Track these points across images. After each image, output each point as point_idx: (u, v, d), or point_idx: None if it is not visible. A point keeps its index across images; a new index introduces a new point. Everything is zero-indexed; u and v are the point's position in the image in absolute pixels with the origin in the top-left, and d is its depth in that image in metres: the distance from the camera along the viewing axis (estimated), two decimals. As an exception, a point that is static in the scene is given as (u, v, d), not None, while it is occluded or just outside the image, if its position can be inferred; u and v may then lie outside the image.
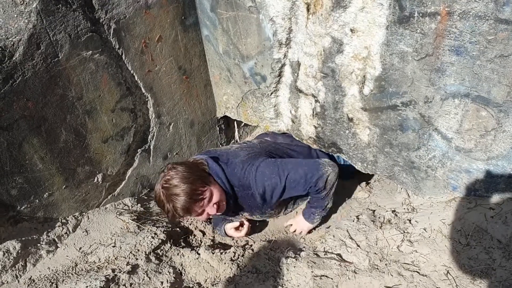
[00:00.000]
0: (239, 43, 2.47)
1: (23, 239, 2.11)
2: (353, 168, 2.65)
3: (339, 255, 2.06)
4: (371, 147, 2.24)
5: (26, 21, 1.89)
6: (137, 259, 2.19)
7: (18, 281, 2.03)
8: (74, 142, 2.25)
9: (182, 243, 2.46)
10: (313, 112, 2.40)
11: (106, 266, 2.14)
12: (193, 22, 2.63)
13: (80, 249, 2.25)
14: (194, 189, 2.13)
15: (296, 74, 2.34)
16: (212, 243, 2.55)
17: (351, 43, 1.97)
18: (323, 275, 1.96)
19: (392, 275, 1.82)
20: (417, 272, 1.81)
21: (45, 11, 1.92)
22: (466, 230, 1.83)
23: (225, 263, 2.21)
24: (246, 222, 2.57)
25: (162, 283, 2.07)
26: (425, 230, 1.95)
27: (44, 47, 1.97)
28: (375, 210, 2.37)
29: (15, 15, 1.87)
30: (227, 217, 2.58)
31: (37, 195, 2.18)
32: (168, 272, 2.14)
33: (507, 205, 1.83)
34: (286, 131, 2.73)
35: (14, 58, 1.88)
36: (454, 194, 2.04)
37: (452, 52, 1.67)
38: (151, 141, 2.71)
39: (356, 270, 1.93)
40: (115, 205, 2.61)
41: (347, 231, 2.19)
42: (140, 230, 2.39)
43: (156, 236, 2.34)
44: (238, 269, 2.19)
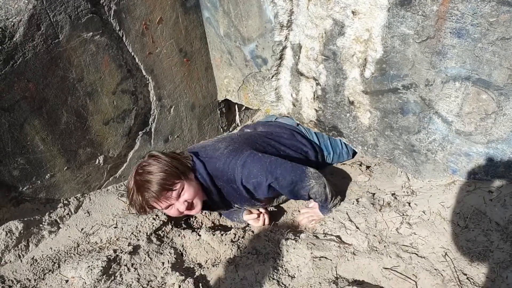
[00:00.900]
0: (240, 25, 2.46)
1: (25, 219, 2.13)
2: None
3: (338, 237, 2.08)
4: (372, 130, 2.25)
5: (26, 1, 1.88)
6: (138, 240, 2.21)
7: (21, 261, 2.06)
8: (75, 124, 2.26)
9: (183, 224, 2.49)
10: (314, 95, 2.40)
11: (108, 247, 2.17)
12: (193, 4, 2.61)
13: (82, 230, 2.28)
14: (166, 179, 2.07)
15: (297, 57, 2.33)
16: (212, 224, 2.58)
17: (353, 25, 1.96)
18: (322, 257, 1.98)
19: (390, 257, 1.84)
20: (415, 254, 1.82)
21: (45, -8, 1.92)
22: (465, 213, 1.84)
23: (225, 244, 2.23)
24: (263, 210, 2.53)
25: (163, 263, 2.09)
26: (424, 213, 1.96)
27: (44, 28, 1.96)
28: (375, 193, 2.38)
29: (15, -4, 1.87)
30: (238, 206, 2.52)
31: (39, 176, 2.20)
32: (169, 252, 2.16)
33: (506, 188, 1.84)
34: (287, 115, 2.73)
35: (15, 39, 1.88)
36: (453, 178, 2.04)
37: (453, 34, 1.66)
38: (152, 123, 2.72)
39: (355, 251, 1.95)
40: (116, 187, 2.63)
41: (347, 213, 2.20)
42: (142, 212, 2.40)
43: (157, 217, 2.36)
44: (238, 250, 2.21)
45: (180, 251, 2.23)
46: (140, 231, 2.26)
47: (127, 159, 2.66)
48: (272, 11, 2.23)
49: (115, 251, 2.12)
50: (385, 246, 1.91)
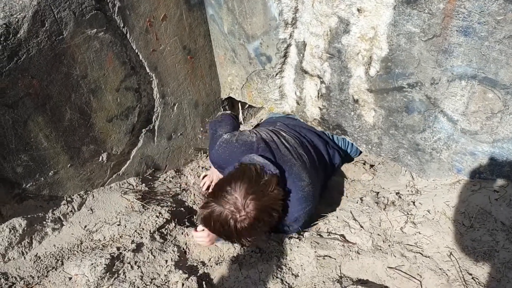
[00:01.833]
0: (244, 23, 2.45)
1: (28, 216, 2.13)
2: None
3: (342, 236, 2.07)
4: (376, 129, 2.24)
5: (31, -2, 1.87)
6: (141, 237, 2.21)
7: (24, 258, 2.06)
8: (79, 121, 2.26)
9: (186, 222, 2.48)
10: (318, 93, 2.39)
11: (111, 244, 2.17)
12: (198, 1, 2.60)
13: (85, 227, 2.27)
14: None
15: (301, 55, 2.32)
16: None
17: (358, 23, 1.94)
18: (326, 255, 1.97)
19: (395, 256, 1.83)
20: (420, 253, 1.82)
21: (50, -12, 1.91)
22: (470, 212, 1.83)
23: (229, 243, 2.23)
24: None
25: (166, 261, 2.09)
26: (428, 212, 1.95)
27: (48, 25, 1.96)
28: (379, 192, 2.37)
29: (19, -8, 1.86)
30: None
31: (42, 173, 2.19)
32: (173, 250, 2.16)
33: (511, 187, 1.83)
34: (290, 113, 2.72)
35: (19, 35, 1.87)
36: (458, 177, 2.04)
37: (460, 33, 1.65)
38: (155, 121, 2.71)
39: (359, 250, 1.94)
40: (120, 184, 2.63)
41: (351, 212, 2.19)
42: (145, 209, 2.40)
43: (160, 215, 2.35)
44: (242, 248, 2.21)
45: (184, 249, 2.22)
46: (143, 229, 2.26)
47: (130, 156, 2.65)
48: (276, 8, 2.22)
49: (118, 248, 2.11)
50: (389, 245, 1.90)
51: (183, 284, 1.91)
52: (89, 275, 1.94)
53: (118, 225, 2.28)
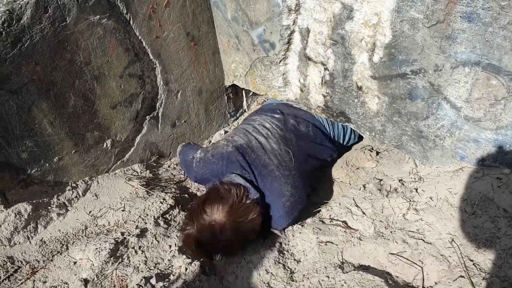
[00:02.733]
0: (248, 9, 2.44)
1: (34, 201, 2.15)
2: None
3: (344, 222, 2.08)
4: (380, 116, 2.23)
5: (34, -17, 1.87)
6: (146, 223, 2.23)
7: (30, 242, 2.09)
8: (83, 107, 2.27)
9: (190, 208, 2.50)
10: (322, 80, 2.38)
11: (116, 229, 2.19)
12: (201, -13, 2.59)
13: (90, 212, 2.30)
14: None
15: (305, 41, 2.31)
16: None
17: (361, 9, 1.93)
18: (328, 241, 1.99)
19: (397, 242, 1.84)
20: (422, 239, 1.82)
21: (52, -26, 1.91)
22: (473, 199, 1.83)
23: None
24: None
25: (170, 246, 2.11)
26: (431, 199, 1.95)
27: (51, 11, 1.96)
28: (381, 179, 2.37)
29: (23, -22, 1.86)
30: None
31: (47, 159, 2.21)
32: (176, 236, 2.18)
33: (514, 175, 1.83)
34: (294, 100, 2.71)
35: (22, 21, 1.87)
36: (461, 164, 2.03)
37: (463, 18, 1.63)
38: (159, 108, 2.72)
39: (361, 237, 1.95)
40: (124, 170, 2.65)
41: (353, 199, 2.20)
42: (149, 195, 2.42)
43: (164, 201, 2.37)
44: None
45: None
46: (147, 215, 2.28)
47: (134, 143, 2.66)
48: (280, -6, 2.20)
49: (122, 233, 2.13)
50: (391, 232, 1.91)
51: (186, 269, 1.94)
52: (94, 259, 1.97)
53: (123, 210, 2.30)
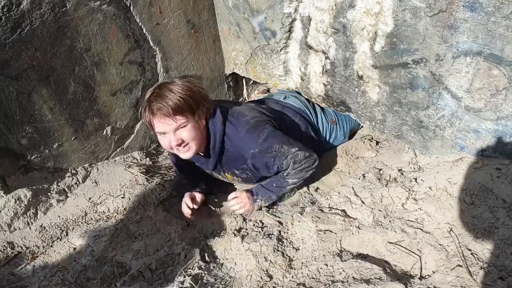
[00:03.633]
0: (249, -3, 2.43)
1: (33, 187, 2.16)
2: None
3: (343, 211, 2.09)
4: (380, 105, 2.23)
5: (33, -32, 1.86)
6: (145, 210, 2.24)
7: (30, 228, 2.10)
8: (82, 94, 2.27)
9: (189, 196, 2.50)
10: (323, 69, 2.38)
11: (115, 216, 2.20)
12: (202, -26, 2.58)
13: (89, 199, 2.31)
14: (177, 106, 1.93)
15: (306, 30, 2.30)
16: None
17: (364, -3, 1.92)
18: (327, 230, 1.99)
19: (395, 231, 1.85)
20: (420, 229, 1.83)
21: (52, -42, 1.89)
22: (472, 189, 1.84)
23: (231, 217, 2.25)
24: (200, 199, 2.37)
25: (169, 233, 2.12)
26: (430, 189, 1.96)
27: (51, -4, 1.95)
28: (381, 169, 2.38)
29: (22, -38, 1.85)
30: (217, 175, 2.44)
31: (46, 145, 2.22)
32: (176, 223, 2.19)
33: (514, 165, 1.84)
34: (294, 89, 2.71)
35: (22, 7, 1.87)
36: (461, 154, 2.04)
37: (466, 8, 1.63)
38: (159, 95, 2.71)
39: (360, 226, 1.96)
40: (124, 158, 2.65)
41: (353, 188, 2.21)
42: (149, 183, 2.43)
43: (164, 188, 2.38)
44: (244, 222, 2.24)
45: (187, 221, 2.25)
46: (147, 202, 2.29)
47: (134, 130, 2.67)
48: (282, -18, 2.19)
49: (122, 220, 2.15)
50: (390, 221, 1.92)
51: (185, 255, 1.95)
52: (93, 245, 1.98)
53: (122, 197, 2.31)
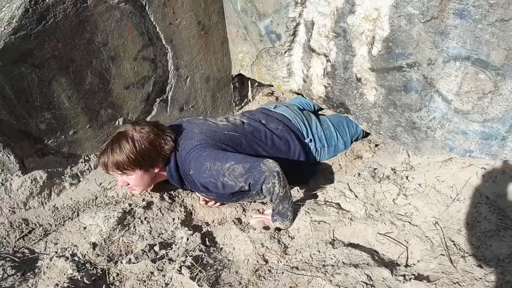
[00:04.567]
0: (257, 1, 2.57)
1: (49, 170, 2.30)
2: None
3: (337, 204, 2.20)
4: (377, 107, 2.36)
5: (60, -34, 2.01)
6: (152, 197, 2.37)
7: (44, 208, 2.24)
8: (98, 85, 2.41)
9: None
10: (324, 71, 2.51)
11: (124, 201, 2.34)
12: (214, -22, 2.73)
13: (100, 184, 2.45)
14: (124, 163, 2.12)
15: (309, 33, 2.44)
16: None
17: (363, 4, 2.06)
18: (321, 221, 2.10)
19: (385, 224, 1.96)
20: (408, 222, 1.94)
21: (77, -42, 2.04)
22: (458, 187, 1.95)
23: (231, 206, 2.38)
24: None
25: (173, 219, 2.25)
26: (420, 186, 2.07)
27: (74, -8, 2.10)
28: (376, 168, 2.49)
29: (50, -40, 2.00)
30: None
31: (63, 131, 2.35)
32: (180, 210, 2.32)
33: (498, 165, 1.95)
34: (297, 91, 2.84)
35: (47, 0, 2.01)
36: (450, 155, 2.15)
37: (456, 15, 1.76)
38: (169, 92, 2.85)
39: (352, 218, 2.07)
40: (134, 148, 2.78)
41: (348, 184, 2.32)
42: (156, 172, 2.55)
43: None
44: (244, 212, 2.36)
45: (190, 210, 2.38)
46: (154, 189, 2.42)
47: (144, 123, 2.80)
48: (288, -12, 2.33)
49: (130, 205, 2.28)
50: (381, 214, 2.03)
51: (188, 239, 2.07)
52: (102, 225, 2.11)
53: (131, 184, 2.43)
